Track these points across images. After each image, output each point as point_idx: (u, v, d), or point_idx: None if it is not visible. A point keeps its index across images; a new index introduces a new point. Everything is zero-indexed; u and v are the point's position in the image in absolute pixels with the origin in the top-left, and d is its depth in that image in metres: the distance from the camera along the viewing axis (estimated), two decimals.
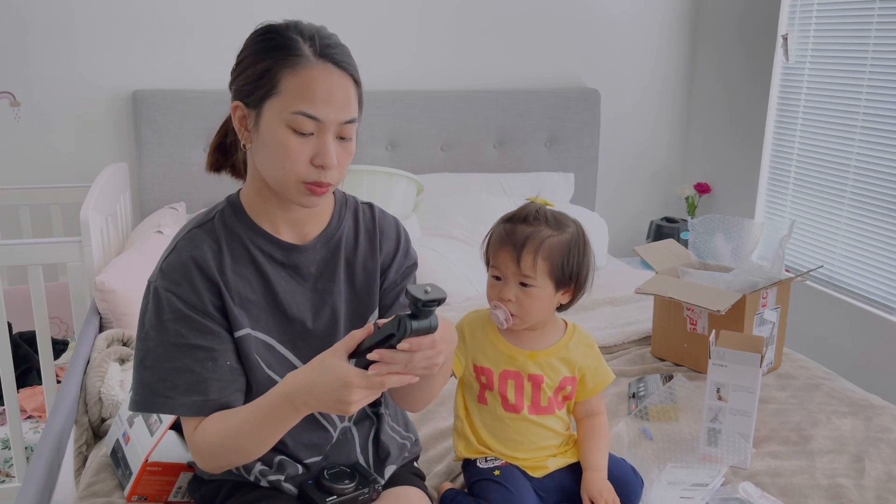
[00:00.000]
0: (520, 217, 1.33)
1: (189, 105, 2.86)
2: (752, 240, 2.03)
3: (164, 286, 1.12)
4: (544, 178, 3.24)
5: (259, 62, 1.08)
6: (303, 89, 1.06)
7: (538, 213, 1.33)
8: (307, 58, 1.07)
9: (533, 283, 1.30)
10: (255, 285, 1.17)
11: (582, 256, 1.33)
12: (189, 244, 1.15)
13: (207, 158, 1.26)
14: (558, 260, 1.30)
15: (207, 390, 1.12)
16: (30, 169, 2.84)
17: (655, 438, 1.63)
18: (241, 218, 1.17)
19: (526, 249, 1.28)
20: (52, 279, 2.72)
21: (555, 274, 1.30)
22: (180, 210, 2.79)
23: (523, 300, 1.30)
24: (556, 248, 1.30)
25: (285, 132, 1.07)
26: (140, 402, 1.13)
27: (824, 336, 2.88)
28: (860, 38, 2.71)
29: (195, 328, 1.12)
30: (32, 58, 2.77)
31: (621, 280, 2.66)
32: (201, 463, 1.15)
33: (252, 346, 1.16)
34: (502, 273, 1.31)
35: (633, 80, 3.48)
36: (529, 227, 1.30)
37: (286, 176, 1.09)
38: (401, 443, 1.34)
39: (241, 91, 1.11)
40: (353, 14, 3.04)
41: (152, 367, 1.12)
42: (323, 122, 1.07)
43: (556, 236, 1.30)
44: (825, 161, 2.90)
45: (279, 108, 1.07)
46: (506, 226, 1.33)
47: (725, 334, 1.63)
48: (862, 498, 1.43)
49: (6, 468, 2.17)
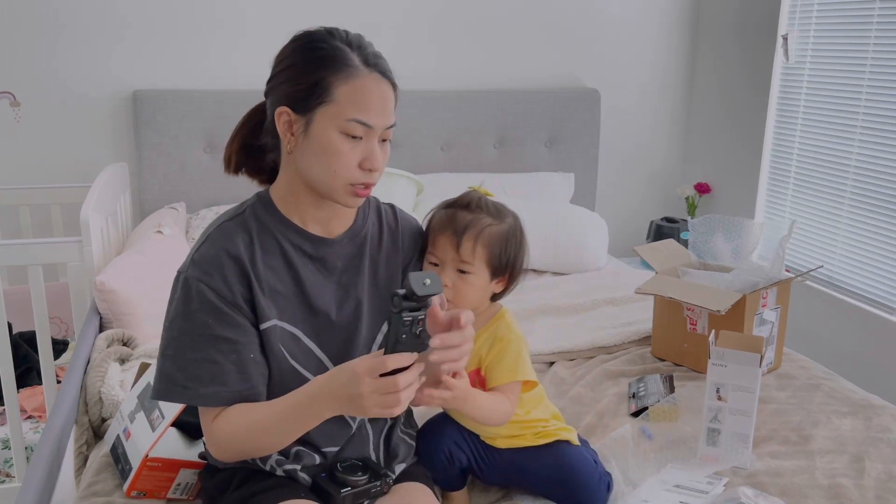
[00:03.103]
0: (461, 204, 1.34)
1: (189, 105, 2.86)
2: (752, 240, 2.03)
3: (196, 276, 1.15)
4: (544, 178, 3.24)
5: (311, 71, 1.13)
6: (357, 98, 1.13)
7: (480, 201, 1.34)
8: (358, 67, 1.14)
9: (470, 270, 1.31)
10: (283, 277, 1.20)
11: (519, 247, 1.36)
12: (221, 236, 1.18)
13: (229, 159, 1.27)
14: (497, 249, 1.32)
15: (228, 381, 1.14)
16: (30, 169, 2.84)
17: (655, 438, 1.63)
18: (272, 212, 1.22)
19: (466, 236, 1.30)
20: (52, 279, 2.72)
21: (492, 262, 1.32)
22: (180, 210, 2.79)
23: (459, 286, 1.32)
24: (496, 237, 1.32)
25: (339, 137, 1.13)
26: (159, 391, 1.15)
27: (824, 336, 2.88)
28: (860, 38, 2.71)
29: (223, 319, 1.14)
30: (32, 58, 2.77)
31: (621, 280, 2.66)
32: (216, 451, 1.18)
33: (278, 337, 1.19)
34: (440, 258, 1.32)
35: (633, 80, 3.48)
36: (470, 215, 1.32)
37: (336, 178, 1.15)
38: (410, 443, 1.39)
39: (289, 97, 1.15)
40: (353, 14, 3.04)
41: (173, 357, 1.15)
42: (373, 128, 1.14)
43: (496, 225, 1.32)
44: (825, 161, 2.90)
45: (333, 115, 1.12)
46: (447, 211, 1.34)
47: (725, 334, 1.63)
48: (862, 498, 1.43)
49: (6, 468, 2.17)
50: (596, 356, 2.07)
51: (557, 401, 1.81)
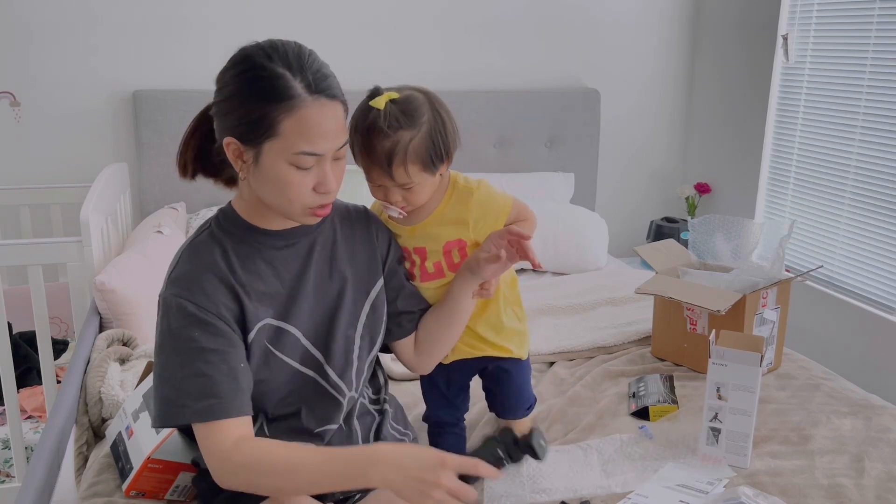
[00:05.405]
0: (373, 129, 1.24)
1: (189, 105, 2.85)
2: (751, 240, 2.03)
3: (175, 293, 1.14)
4: (544, 178, 3.23)
5: (253, 105, 1.08)
6: (303, 130, 1.08)
7: (389, 117, 1.24)
8: (301, 97, 1.07)
9: (411, 185, 1.29)
10: (266, 276, 1.20)
11: (445, 134, 1.28)
12: (194, 254, 1.18)
13: (185, 167, 1.23)
14: (427, 155, 1.26)
15: (221, 393, 1.11)
16: (30, 169, 2.84)
17: (655, 438, 1.63)
18: (239, 223, 1.21)
19: (395, 164, 1.25)
20: (52, 279, 2.72)
21: (428, 168, 1.28)
22: (180, 210, 2.79)
23: (408, 197, 1.31)
24: (422, 148, 1.26)
25: (289, 169, 1.10)
26: (158, 418, 1.14)
27: (824, 336, 2.88)
28: (860, 38, 2.71)
29: (207, 330, 1.13)
30: (32, 58, 2.77)
31: (621, 280, 2.66)
32: (222, 474, 1.12)
33: (265, 335, 1.19)
34: (381, 183, 1.30)
35: (633, 80, 3.48)
36: (388, 140, 1.24)
37: (292, 205, 1.14)
38: (399, 439, 1.40)
39: (235, 130, 1.11)
40: (353, 15, 3.04)
41: (169, 380, 1.13)
42: (323, 155, 1.11)
43: (416, 135, 1.25)
44: (825, 161, 2.90)
45: (280, 149, 1.09)
46: (363, 140, 1.26)
47: (725, 334, 1.63)
48: (862, 498, 1.43)
49: (6, 468, 2.17)
50: (596, 356, 2.07)
51: (557, 401, 1.81)
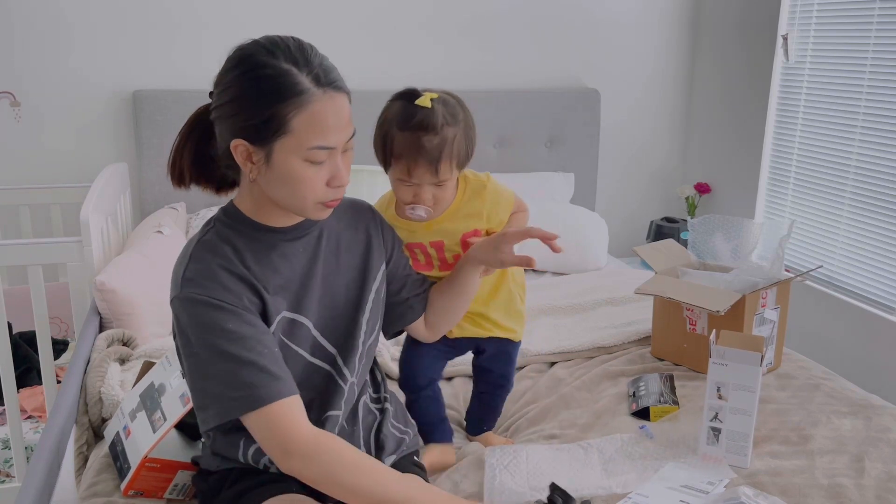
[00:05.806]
0: (423, 126, 1.28)
1: (189, 105, 2.80)
2: (751, 240, 2.03)
3: (194, 291, 1.11)
4: (544, 178, 3.23)
5: (262, 104, 1.07)
6: (315, 124, 1.08)
7: (436, 115, 1.29)
8: (310, 91, 1.08)
9: (446, 181, 1.34)
10: (281, 268, 1.20)
11: (473, 132, 1.37)
12: (205, 252, 1.15)
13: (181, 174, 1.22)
14: (465, 152, 1.35)
15: (276, 375, 1.11)
16: (30, 169, 2.84)
17: (656, 438, 1.63)
18: (242, 220, 1.20)
19: (443, 161, 1.31)
20: (52, 279, 2.72)
21: (463, 164, 1.37)
22: (180, 210, 2.79)
23: (438, 196, 1.36)
24: (461, 144, 1.33)
25: (303, 165, 1.10)
26: (217, 416, 1.10)
27: (824, 336, 2.88)
28: (860, 38, 2.71)
29: (240, 319, 1.12)
30: (32, 58, 2.77)
31: (621, 280, 2.66)
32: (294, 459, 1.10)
33: (281, 328, 1.20)
34: (417, 180, 1.33)
35: (633, 80, 3.48)
36: (437, 137, 1.29)
37: (305, 201, 1.14)
38: (399, 437, 1.41)
39: (244, 130, 1.09)
40: (352, 14, 3.04)
41: (213, 376, 1.10)
42: (335, 147, 1.11)
43: (458, 131, 1.32)
44: (825, 161, 2.90)
45: (293, 146, 1.09)
46: (410, 136, 1.29)
47: (725, 334, 1.63)
48: (862, 498, 1.42)
49: (6, 468, 2.17)
50: (596, 356, 2.07)
51: (557, 401, 1.81)
